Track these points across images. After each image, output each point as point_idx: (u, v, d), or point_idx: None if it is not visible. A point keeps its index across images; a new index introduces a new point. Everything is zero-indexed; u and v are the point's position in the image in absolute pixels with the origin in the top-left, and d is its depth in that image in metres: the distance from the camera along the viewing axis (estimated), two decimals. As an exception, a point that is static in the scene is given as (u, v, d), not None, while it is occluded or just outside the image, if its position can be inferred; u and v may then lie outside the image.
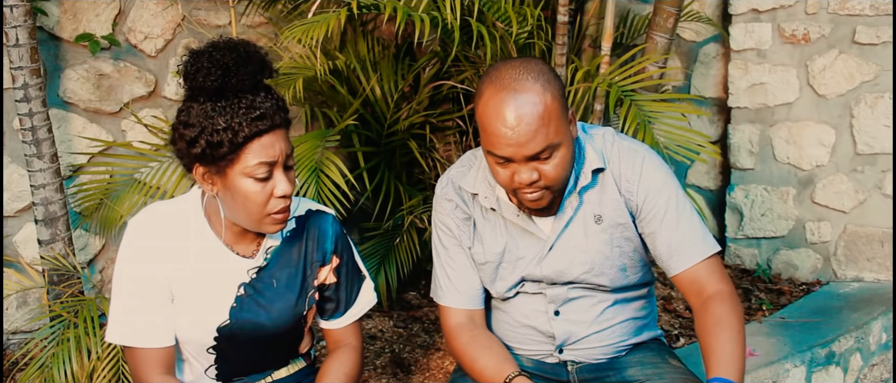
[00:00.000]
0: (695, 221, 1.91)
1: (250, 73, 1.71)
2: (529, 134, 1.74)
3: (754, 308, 3.53)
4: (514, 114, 1.73)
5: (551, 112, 1.75)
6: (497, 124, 1.75)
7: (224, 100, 1.70)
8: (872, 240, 3.71)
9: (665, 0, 3.34)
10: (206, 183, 1.77)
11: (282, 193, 1.75)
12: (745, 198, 3.91)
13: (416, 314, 3.40)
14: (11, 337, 3.13)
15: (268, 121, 1.71)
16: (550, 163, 1.79)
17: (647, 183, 1.90)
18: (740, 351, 1.79)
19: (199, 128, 1.70)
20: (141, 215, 1.84)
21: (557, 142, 1.78)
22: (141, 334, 1.80)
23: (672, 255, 1.90)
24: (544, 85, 1.76)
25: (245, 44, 1.74)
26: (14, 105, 2.83)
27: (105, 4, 3.21)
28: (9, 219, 3.13)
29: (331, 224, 1.93)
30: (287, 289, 1.88)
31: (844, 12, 3.67)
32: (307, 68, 3.20)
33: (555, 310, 2.00)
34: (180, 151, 1.76)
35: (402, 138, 3.37)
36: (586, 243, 1.94)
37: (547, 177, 1.80)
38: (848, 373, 3.22)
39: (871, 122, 3.64)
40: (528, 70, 1.78)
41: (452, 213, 2.00)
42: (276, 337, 1.89)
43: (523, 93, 1.74)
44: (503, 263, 1.98)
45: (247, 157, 1.71)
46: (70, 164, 3.18)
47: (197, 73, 1.70)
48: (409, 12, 2.74)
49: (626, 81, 3.06)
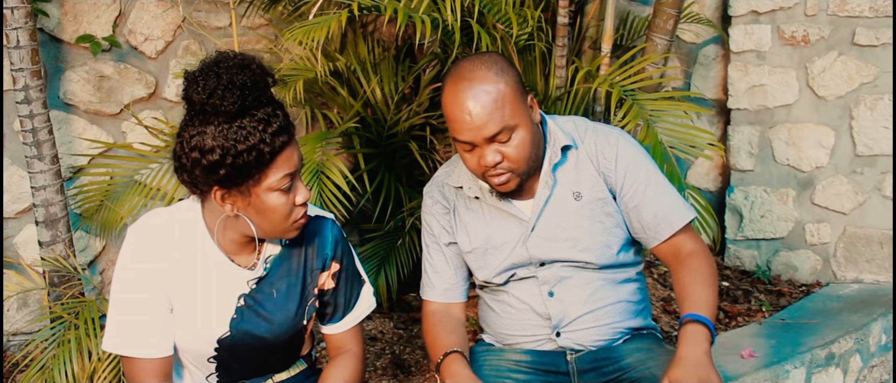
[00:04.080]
0: (673, 191, 2.07)
1: (264, 89, 1.69)
2: (485, 117, 1.89)
3: (754, 309, 3.53)
4: (470, 100, 1.89)
5: (505, 96, 1.90)
6: (456, 111, 1.91)
7: (242, 120, 1.65)
8: (872, 241, 3.71)
9: (665, 2, 3.35)
10: (226, 203, 1.73)
11: (302, 200, 1.76)
12: (745, 200, 3.92)
13: (417, 315, 3.40)
14: (12, 338, 3.13)
15: (286, 134, 1.70)
16: (511, 144, 1.92)
17: (624, 160, 2.03)
18: (714, 297, 1.94)
19: (221, 151, 1.65)
20: (140, 223, 1.81)
21: (514, 123, 1.91)
22: (138, 343, 1.78)
23: (659, 223, 2.03)
24: (497, 73, 1.91)
25: (251, 59, 1.70)
26: (15, 106, 2.83)
27: (105, 6, 3.21)
28: (9, 221, 3.13)
29: (330, 228, 1.92)
30: (287, 299, 1.87)
31: (844, 14, 3.68)
32: (308, 70, 3.21)
33: (549, 291, 2.07)
34: (195, 178, 1.71)
35: (403, 140, 3.38)
36: (567, 220, 2.04)
37: (510, 159, 1.93)
38: (848, 375, 3.22)
39: (871, 124, 3.64)
40: (482, 61, 1.93)
41: (433, 209, 2.15)
42: (276, 346, 1.89)
43: (477, 81, 1.90)
44: (489, 249, 2.09)
45: (274, 174, 1.70)
46: (71, 166, 3.18)
47: (211, 95, 1.63)
48: (410, 14, 2.74)
49: (626, 82, 3.06)
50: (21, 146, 2.87)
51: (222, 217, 1.77)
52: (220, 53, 1.70)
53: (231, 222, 1.78)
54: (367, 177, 3.32)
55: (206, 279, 1.82)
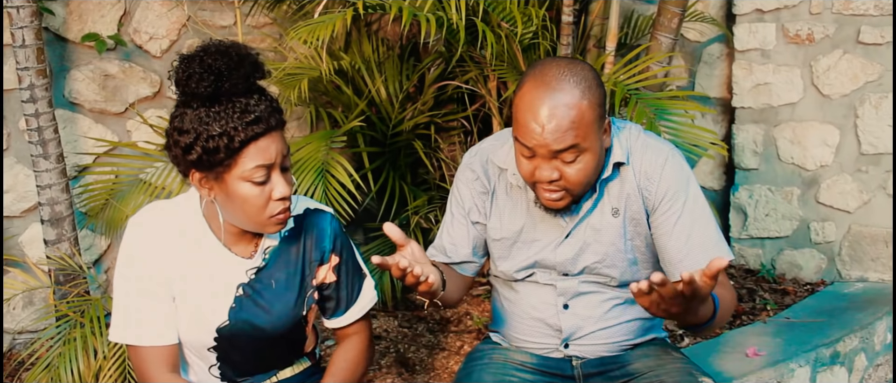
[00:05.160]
0: (709, 230, 1.92)
1: (243, 77, 1.70)
2: (557, 133, 1.76)
3: (758, 308, 3.53)
4: (547, 112, 1.76)
5: (584, 117, 1.78)
6: (528, 117, 1.78)
7: (218, 106, 1.68)
8: (877, 240, 3.70)
9: (669, 0, 3.35)
10: (204, 188, 1.76)
11: (280, 195, 1.74)
12: (749, 199, 3.91)
13: (421, 314, 3.41)
14: (18, 336, 3.14)
15: (263, 124, 1.69)
16: (574, 166, 1.81)
17: (666, 183, 1.91)
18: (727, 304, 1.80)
19: (195, 134, 1.68)
20: (140, 215, 1.83)
21: (584, 147, 1.80)
22: (145, 333, 1.80)
23: (680, 263, 1.90)
24: (584, 90, 1.78)
25: (236, 46, 1.72)
26: (20, 105, 2.84)
27: (111, 5, 3.22)
28: (15, 220, 3.13)
29: (329, 222, 1.93)
30: (286, 290, 1.88)
31: (849, 12, 3.67)
32: (312, 69, 3.21)
33: (564, 304, 2.02)
34: (176, 158, 1.75)
35: (407, 138, 3.38)
36: (602, 235, 1.97)
37: (568, 180, 1.83)
38: (852, 374, 3.21)
39: (876, 122, 3.64)
40: (572, 72, 1.80)
41: (471, 184, 2.04)
42: (276, 338, 1.89)
43: (560, 92, 1.77)
44: (518, 242, 2.01)
45: (244, 162, 1.70)
46: (76, 165, 3.18)
47: (189, 78, 1.68)
48: (415, 12, 2.74)
49: (630, 81, 3.06)
50: (26, 145, 2.88)
51: (206, 201, 1.81)
52: (210, 41, 1.73)
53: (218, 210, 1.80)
54: (371, 176, 3.32)
55: (205, 268, 1.83)
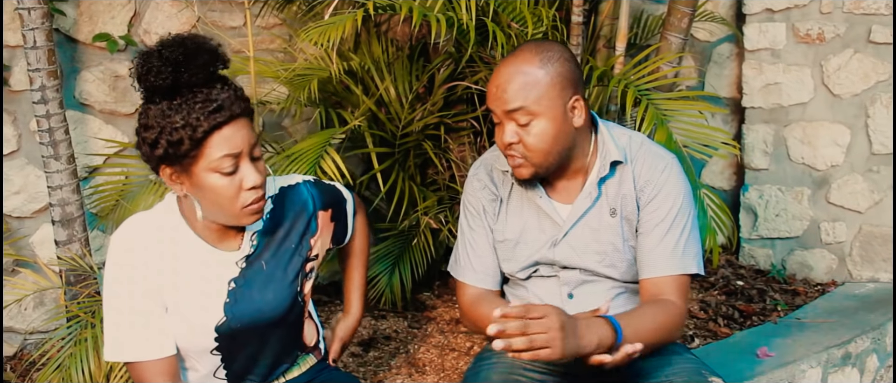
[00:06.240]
0: (683, 240, 1.98)
1: (202, 66, 1.68)
2: (509, 92, 1.91)
3: (769, 308, 3.52)
4: (504, 76, 1.92)
5: (539, 82, 1.90)
6: (491, 81, 1.96)
7: (180, 97, 1.67)
8: (888, 240, 3.69)
9: (679, 0, 3.34)
10: (175, 183, 1.75)
11: (251, 184, 1.72)
12: (760, 199, 3.90)
13: (431, 314, 3.40)
14: (29, 337, 3.14)
15: (226, 111, 1.68)
16: (530, 132, 1.92)
17: (660, 186, 2.00)
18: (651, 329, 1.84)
19: (159, 128, 1.67)
20: (123, 229, 1.81)
21: (536, 111, 1.91)
22: (141, 347, 1.78)
23: (645, 261, 1.99)
24: (544, 60, 1.91)
25: (194, 37, 1.71)
26: (31, 107, 2.85)
27: (121, 6, 3.22)
28: (25, 220, 3.14)
29: (305, 187, 1.95)
30: (277, 268, 1.88)
31: (859, 11, 3.66)
32: (322, 69, 3.21)
33: (569, 293, 2.07)
34: (145, 155, 1.73)
35: (417, 139, 3.37)
36: (600, 235, 2.03)
37: (526, 145, 1.94)
38: (864, 375, 3.20)
39: (887, 122, 3.62)
40: (538, 47, 1.94)
41: (480, 193, 2.13)
42: (275, 322, 1.88)
43: (520, 61, 1.92)
44: (520, 243, 2.08)
45: (210, 152, 1.68)
46: (86, 166, 3.19)
47: (148, 73, 1.66)
48: (425, 13, 2.74)
49: (640, 81, 3.06)
50: (37, 146, 2.88)
51: (184, 203, 1.81)
52: (168, 35, 1.73)
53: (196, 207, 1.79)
54: (380, 177, 3.32)
55: (194, 272, 1.82)
